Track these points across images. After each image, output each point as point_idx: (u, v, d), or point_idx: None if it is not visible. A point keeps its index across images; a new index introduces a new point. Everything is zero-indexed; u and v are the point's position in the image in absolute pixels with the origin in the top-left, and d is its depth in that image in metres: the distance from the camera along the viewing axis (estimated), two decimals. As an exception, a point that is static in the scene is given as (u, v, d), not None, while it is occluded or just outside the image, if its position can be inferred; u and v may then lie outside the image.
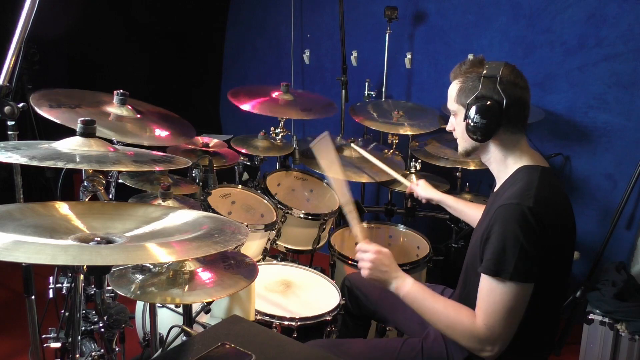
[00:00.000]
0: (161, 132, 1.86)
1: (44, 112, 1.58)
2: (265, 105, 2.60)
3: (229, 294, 1.45)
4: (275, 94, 2.70)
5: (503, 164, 1.52)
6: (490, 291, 1.36)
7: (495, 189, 1.56)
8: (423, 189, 2.18)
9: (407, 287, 1.49)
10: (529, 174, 1.45)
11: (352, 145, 2.62)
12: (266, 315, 1.85)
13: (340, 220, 2.88)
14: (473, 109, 1.46)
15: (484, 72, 1.46)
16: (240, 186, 2.48)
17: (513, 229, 1.33)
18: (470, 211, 1.98)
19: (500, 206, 1.38)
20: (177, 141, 1.91)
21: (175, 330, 1.54)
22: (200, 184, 1.96)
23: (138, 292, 1.34)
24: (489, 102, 1.44)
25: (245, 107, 2.53)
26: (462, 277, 1.60)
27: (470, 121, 1.47)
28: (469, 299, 1.47)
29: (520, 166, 1.49)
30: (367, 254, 1.54)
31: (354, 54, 3.42)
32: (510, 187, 1.45)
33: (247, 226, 2.16)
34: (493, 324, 1.35)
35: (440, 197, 2.11)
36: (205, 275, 1.44)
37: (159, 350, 1.59)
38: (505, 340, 1.36)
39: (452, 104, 1.56)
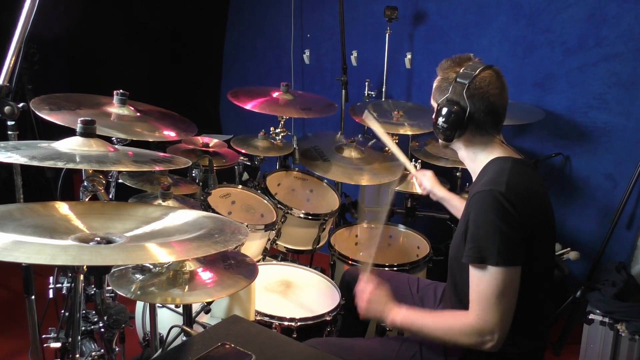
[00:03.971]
0: (169, 132, 1.87)
1: (45, 115, 1.58)
2: (266, 105, 2.60)
3: (229, 293, 1.45)
4: (275, 94, 2.70)
5: (474, 161, 1.57)
6: (478, 280, 1.38)
7: (472, 183, 1.59)
8: (429, 180, 2.09)
9: (402, 315, 1.54)
10: (501, 163, 1.49)
11: (367, 111, 2.45)
12: (266, 315, 1.85)
13: (340, 220, 2.88)
14: (440, 111, 1.52)
15: (457, 76, 1.49)
16: (240, 186, 2.48)
17: (489, 215, 1.36)
18: None
19: (474, 194, 1.41)
20: (182, 137, 1.93)
21: (175, 330, 1.54)
22: (200, 184, 1.96)
23: (138, 292, 1.35)
24: (455, 107, 1.49)
25: (247, 106, 2.53)
26: (448, 272, 1.61)
27: (437, 121, 1.53)
28: (456, 290, 1.50)
29: (492, 159, 1.53)
30: (366, 291, 1.62)
31: (354, 54, 3.42)
32: (483, 177, 1.49)
33: (247, 226, 2.16)
34: (485, 312, 1.36)
35: (445, 195, 2.03)
36: (205, 275, 1.44)
37: (159, 350, 1.59)
38: (502, 327, 1.37)
39: (431, 98, 1.61)
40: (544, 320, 1.57)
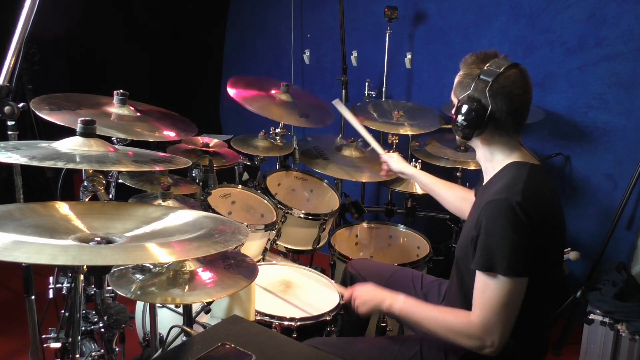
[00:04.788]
0: (169, 132, 1.86)
1: (45, 115, 1.58)
2: (261, 103, 2.51)
3: (229, 293, 1.45)
4: (273, 91, 2.63)
5: (490, 162, 1.54)
6: (485, 287, 1.37)
7: (484, 183, 1.57)
8: (396, 162, 2.10)
9: (400, 302, 1.55)
10: (517, 169, 1.46)
11: (338, 100, 2.38)
12: (266, 315, 1.85)
13: (340, 220, 2.88)
14: (460, 108, 1.48)
15: (481, 72, 1.46)
16: (240, 186, 2.48)
17: (503, 225, 1.34)
18: (443, 192, 1.96)
19: (489, 202, 1.39)
20: (182, 137, 1.93)
21: (175, 330, 1.54)
22: (200, 184, 1.96)
23: (138, 292, 1.34)
24: (475, 104, 1.45)
25: (234, 93, 2.43)
26: (453, 271, 1.61)
27: (457, 118, 1.49)
28: (463, 289, 1.48)
29: (508, 162, 1.50)
30: (351, 296, 1.68)
31: (354, 54, 3.42)
32: (498, 182, 1.47)
33: (247, 226, 2.16)
34: (488, 319, 1.36)
35: (413, 172, 2.05)
36: (205, 275, 1.44)
37: (159, 350, 1.59)
38: (503, 334, 1.37)
39: (452, 93, 1.58)
40: (546, 323, 1.57)
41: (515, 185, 1.39)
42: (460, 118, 1.48)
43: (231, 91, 2.47)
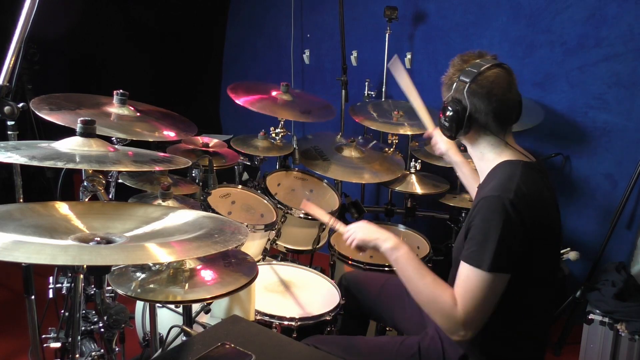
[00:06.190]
0: (169, 132, 1.86)
1: (45, 115, 1.58)
2: (264, 104, 2.58)
3: (229, 291, 1.45)
4: (274, 93, 2.69)
5: (482, 160, 1.54)
6: (468, 278, 1.37)
7: (480, 182, 1.57)
8: (445, 143, 1.99)
9: (402, 251, 1.50)
10: (511, 168, 1.46)
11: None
12: (266, 315, 1.85)
13: (340, 220, 2.88)
14: (444, 109, 1.50)
15: (461, 74, 1.47)
16: (240, 186, 2.48)
17: (494, 221, 1.34)
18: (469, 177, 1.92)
19: (482, 198, 1.39)
20: (182, 137, 1.93)
21: (175, 330, 1.54)
22: (200, 184, 1.96)
23: (138, 290, 1.35)
24: (456, 105, 1.47)
25: (240, 101, 2.50)
26: (452, 272, 1.60)
27: (440, 119, 1.52)
28: None
29: (501, 161, 1.50)
30: (349, 230, 1.63)
31: (354, 54, 3.42)
32: (492, 180, 1.47)
33: (247, 226, 2.16)
34: (470, 309, 1.36)
35: (459, 160, 1.93)
36: (205, 273, 1.44)
37: (159, 350, 1.59)
38: (478, 326, 1.37)
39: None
40: (545, 325, 1.57)
41: (509, 183, 1.39)
42: (443, 119, 1.51)
43: (235, 98, 2.52)
